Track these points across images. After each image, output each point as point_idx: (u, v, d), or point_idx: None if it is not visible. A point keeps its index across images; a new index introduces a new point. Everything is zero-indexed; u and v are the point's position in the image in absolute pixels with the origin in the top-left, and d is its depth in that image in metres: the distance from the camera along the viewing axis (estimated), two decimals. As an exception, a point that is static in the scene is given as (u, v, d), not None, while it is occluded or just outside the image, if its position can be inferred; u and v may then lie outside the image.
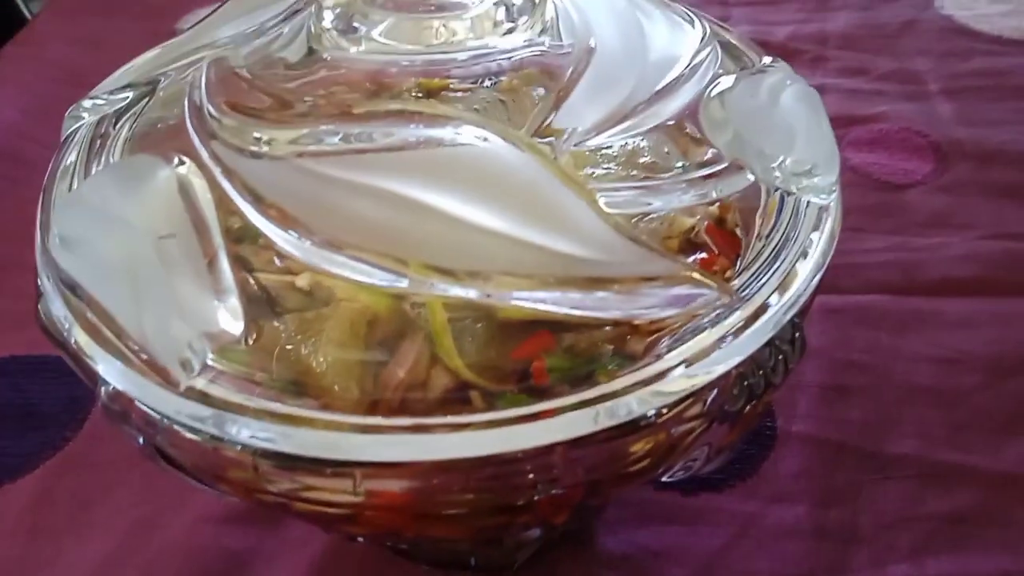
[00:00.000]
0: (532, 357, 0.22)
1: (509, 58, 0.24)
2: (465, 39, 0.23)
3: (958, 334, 0.41)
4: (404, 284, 0.19)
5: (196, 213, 0.21)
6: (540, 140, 0.22)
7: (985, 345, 0.40)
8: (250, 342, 0.20)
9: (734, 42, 0.27)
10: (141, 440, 0.21)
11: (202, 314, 0.19)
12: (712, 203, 0.22)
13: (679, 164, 0.24)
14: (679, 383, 0.20)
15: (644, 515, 0.34)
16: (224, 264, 0.20)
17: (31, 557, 0.34)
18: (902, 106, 0.56)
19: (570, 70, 0.23)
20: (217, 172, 0.21)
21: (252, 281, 0.21)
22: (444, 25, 0.23)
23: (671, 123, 0.23)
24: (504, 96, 0.25)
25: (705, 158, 0.23)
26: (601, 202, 0.20)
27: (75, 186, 0.23)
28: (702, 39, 0.25)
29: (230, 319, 0.19)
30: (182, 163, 0.21)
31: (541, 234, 0.19)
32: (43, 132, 0.56)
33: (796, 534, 0.34)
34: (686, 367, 0.20)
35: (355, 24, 0.24)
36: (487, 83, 0.24)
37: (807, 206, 0.23)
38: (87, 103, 0.25)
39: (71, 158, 0.24)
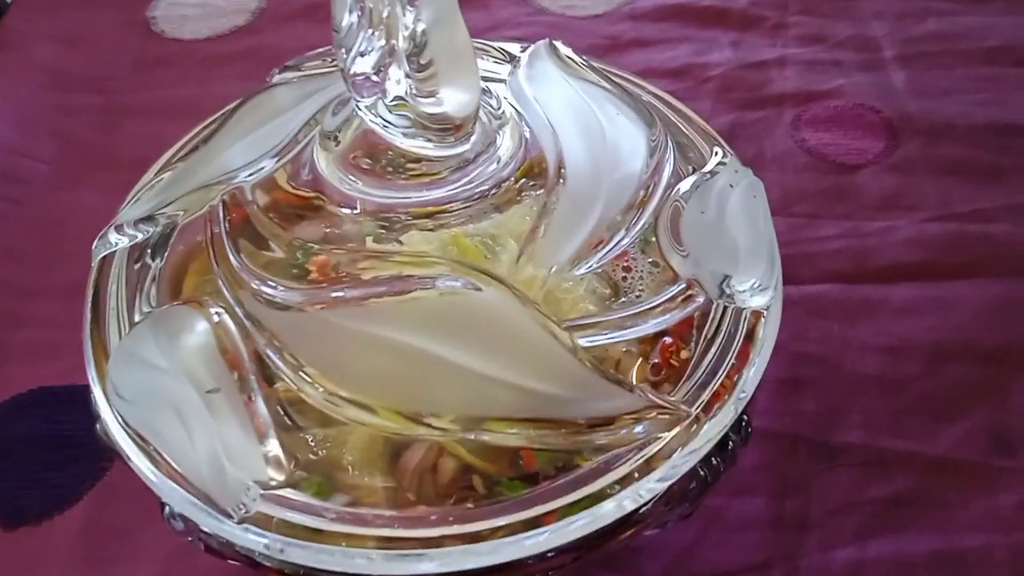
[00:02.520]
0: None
1: (496, 181, 0.27)
2: (455, 180, 0.27)
3: (902, 321, 0.45)
4: (400, 430, 0.23)
5: (233, 361, 0.24)
6: (523, 278, 0.25)
7: (926, 332, 0.45)
8: (289, 468, 0.24)
9: (686, 132, 0.30)
10: (198, 543, 0.26)
11: (252, 462, 0.23)
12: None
13: (643, 251, 0.28)
14: (651, 484, 0.24)
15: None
16: (261, 405, 0.24)
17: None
18: (858, 78, 0.59)
19: (545, 196, 0.26)
20: (246, 322, 0.24)
21: (281, 410, 0.25)
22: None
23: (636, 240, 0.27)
24: (495, 200, 0.28)
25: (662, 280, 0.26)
26: (576, 340, 0.24)
27: (122, 324, 0.27)
28: (657, 144, 0.28)
29: (276, 464, 0.23)
30: (214, 314, 0.25)
31: (520, 375, 0.23)
32: (35, 146, 0.58)
33: (756, 525, 0.39)
34: (656, 466, 0.24)
35: (348, 176, 0.27)
36: (481, 198, 0.27)
37: (749, 314, 0.26)
38: (114, 235, 0.28)
39: (113, 290, 0.27)
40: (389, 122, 0.25)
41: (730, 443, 0.25)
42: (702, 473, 0.25)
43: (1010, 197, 0.50)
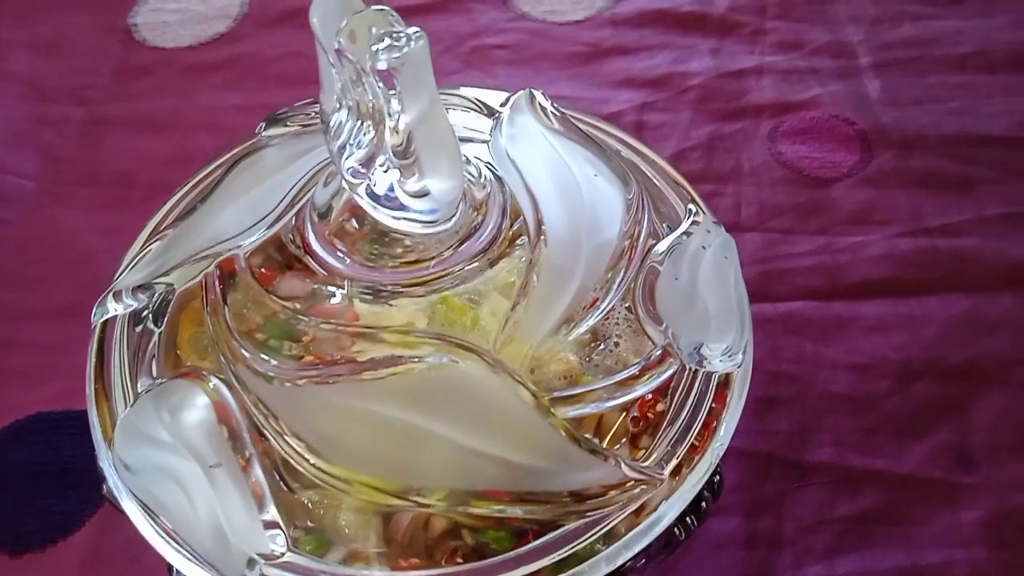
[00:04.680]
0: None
1: (480, 250, 0.28)
2: (443, 257, 0.28)
3: (873, 338, 0.47)
4: (386, 502, 0.25)
5: (233, 437, 0.26)
6: (506, 352, 0.27)
7: (895, 350, 0.46)
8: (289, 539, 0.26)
9: (659, 184, 0.32)
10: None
11: (253, 535, 0.25)
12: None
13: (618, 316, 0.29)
14: (628, 545, 0.26)
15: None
16: (259, 473, 0.25)
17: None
18: (833, 87, 0.60)
19: (528, 260, 0.28)
20: (243, 394, 0.26)
21: (277, 475, 0.26)
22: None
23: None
24: (487, 254, 0.29)
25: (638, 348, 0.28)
26: (555, 412, 0.25)
27: (126, 391, 0.28)
28: (634, 204, 0.29)
29: (277, 536, 0.25)
30: (213, 388, 0.26)
31: (503, 448, 0.25)
32: (18, 162, 0.58)
33: (731, 544, 0.41)
34: (635, 526, 0.26)
35: (338, 252, 0.28)
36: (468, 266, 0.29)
37: (720, 377, 0.28)
38: (111, 304, 0.29)
39: (115, 358, 0.29)
40: (377, 204, 0.26)
41: (703, 501, 0.27)
42: (677, 531, 0.26)
43: (978, 210, 0.52)
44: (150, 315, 0.29)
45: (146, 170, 0.58)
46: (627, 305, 0.30)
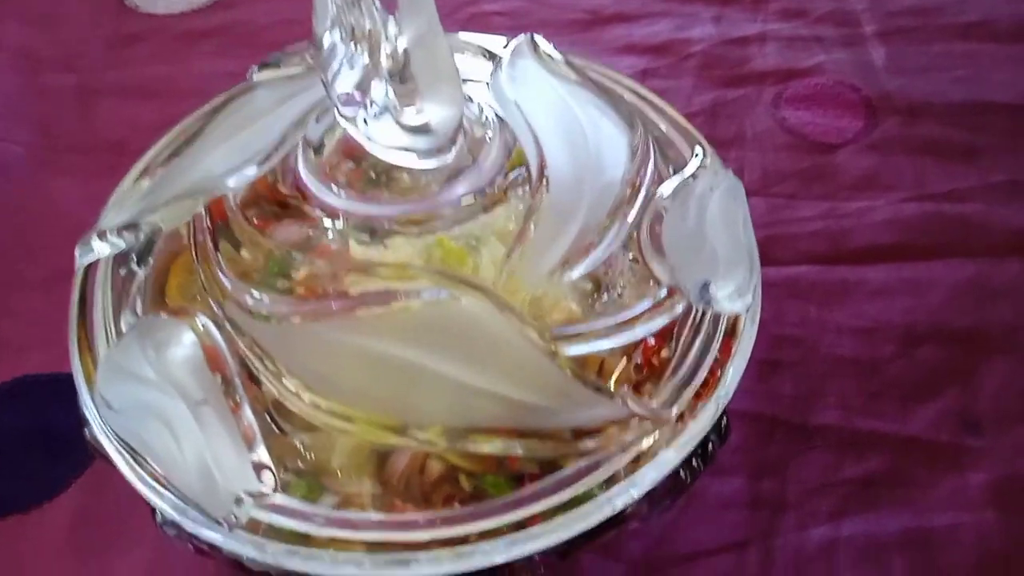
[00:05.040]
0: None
1: (478, 190, 0.28)
2: (440, 192, 0.27)
3: (878, 303, 0.46)
4: (384, 440, 0.24)
5: (221, 374, 0.25)
6: (507, 288, 0.26)
7: (900, 314, 0.46)
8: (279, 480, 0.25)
9: (665, 129, 0.31)
10: (187, 544, 0.26)
11: (242, 473, 0.24)
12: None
13: (622, 265, 0.28)
14: (633, 487, 0.25)
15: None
16: (248, 413, 0.24)
17: (80, 573, 0.39)
18: (838, 55, 0.59)
19: (528, 205, 0.27)
20: (234, 334, 0.25)
21: (269, 417, 0.25)
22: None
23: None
24: (485, 203, 0.28)
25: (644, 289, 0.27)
26: (558, 347, 0.25)
27: (109, 333, 0.27)
28: (639, 147, 0.28)
29: (265, 474, 0.24)
30: (200, 324, 0.25)
31: (504, 385, 0.24)
32: (11, 130, 0.58)
33: (734, 505, 0.40)
34: (638, 468, 0.25)
35: (332, 186, 0.27)
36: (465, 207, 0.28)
37: (728, 318, 0.27)
38: (97, 243, 0.28)
39: (99, 299, 0.28)
40: (372, 135, 0.25)
41: (710, 444, 0.26)
42: (683, 475, 0.26)
43: (983, 177, 0.51)
44: (135, 256, 0.28)
45: (138, 137, 0.56)
46: (632, 256, 0.29)
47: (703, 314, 0.27)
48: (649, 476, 0.25)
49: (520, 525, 0.24)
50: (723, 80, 0.57)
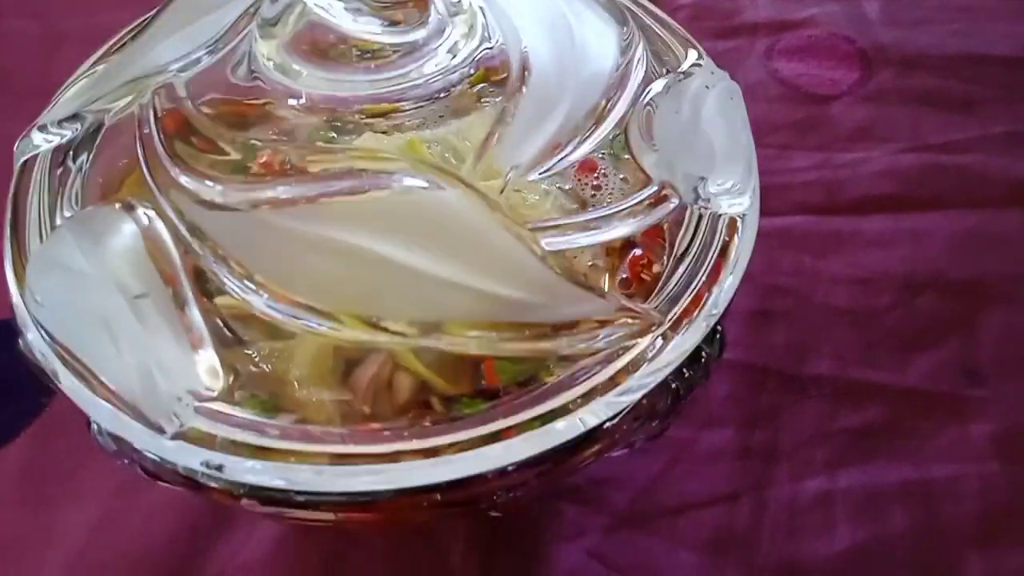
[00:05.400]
0: (482, 359, 0.24)
1: (454, 73, 0.25)
2: (407, 68, 0.24)
3: (874, 253, 0.44)
4: (352, 336, 0.21)
5: (163, 268, 0.22)
6: (484, 178, 0.23)
7: (898, 264, 0.44)
8: (228, 382, 0.22)
9: (660, 33, 0.28)
10: (130, 463, 0.24)
11: (184, 372, 0.21)
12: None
13: (615, 166, 0.26)
14: (619, 398, 0.22)
15: (590, 447, 0.38)
16: (196, 314, 0.22)
17: (26, 524, 0.36)
18: (831, 7, 0.57)
19: (507, 94, 0.24)
20: (178, 223, 0.22)
21: (221, 322, 0.23)
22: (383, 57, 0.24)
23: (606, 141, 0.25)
24: (451, 103, 0.26)
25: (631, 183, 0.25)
26: (540, 242, 0.22)
27: (43, 229, 0.24)
28: (629, 43, 0.26)
29: (211, 374, 0.21)
30: (143, 215, 0.23)
31: (483, 279, 0.21)
32: None
33: (724, 455, 0.38)
34: (624, 379, 0.23)
35: (293, 65, 0.24)
36: (436, 97, 0.25)
37: (726, 219, 0.25)
38: (37, 135, 0.26)
39: (34, 195, 0.25)
40: (333, 3, 0.23)
41: (703, 356, 0.24)
42: (673, 386, 0.23)
43: (982, 128, 0.49)
44: (71, 152, 0.25)
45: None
46: (622, 176, 0.27)
47: (698, 223, 0.25)
48: (633, 385, 0.22)
49: (493, 438, 0.22)
50: (714, 32, 0.55)
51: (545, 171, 0.24)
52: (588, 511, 0.36)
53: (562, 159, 0.24)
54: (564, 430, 0.22)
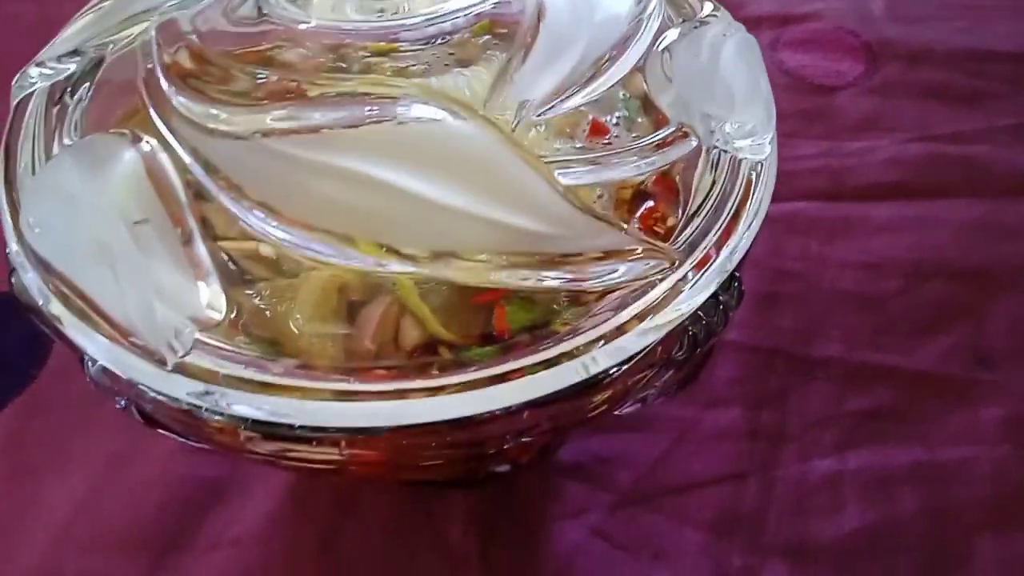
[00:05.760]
0: (492, 303, 0.23)
1: (458, 17, 0.24)
2: (413, 5, 0.24)
3: (882, 239, 0.44)
4: (362, 264, 0.20)
5: (166, 195, 0.21)
6: (495, 113, 0.22)
7: (906, 250, 0.43)
8: (231, 318, 0.21)
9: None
10: (126, 405, 0.23)
11: (185, 298, 0.20)
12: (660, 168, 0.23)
13: (629, 129, 0.25)
14: (633, 340, 0.22)
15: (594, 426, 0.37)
16: (200, 246, 0.21)
17: (11, 498, 0.35)
18: (835, 3, 0.57)
19: (521, 35, 0.24)
20: (182, 152, 0.21)
21: (225, 256, 0.22)
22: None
23: (620, 83, 0.24)
24: (455, 50, 0.25)
25: (649, 122, 0.24)
26: (556, 175, 0.21)
27: (37, 163, 0.23)
28: (644, -10, 0.26)
29: (213, 302, 0.21)
30: (145, 143, 0.22)
31: (498, 209, 0.21)
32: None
33: (731, 436, 0.37)
34: (638, 323, 0.22)
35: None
36: (438, 41, 0.25)
37: (743, 163, 0.24)
38: (34, 71, 0.25)
39: (29, 130, 0.24)
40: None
41: (720, 304, 0.23)
42: (690, 333, 0.22)
43: (989, 121, 0.49)
44: (69, 88, 0.24)
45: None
46: (635, 135, 0.26)
47: (716, 167, 0.24)
48: (653, 326, 0.21)
49: (499, 379, 0.21)
50: (718, 23, 0.55)
51: (558, 106, 0.23)
52: (592, 488, 0.35)
53: (575, 97, 0.23)
54: (573, 372, 0.21)
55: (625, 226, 0.21)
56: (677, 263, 0.22)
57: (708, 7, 0.27)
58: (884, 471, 0.36)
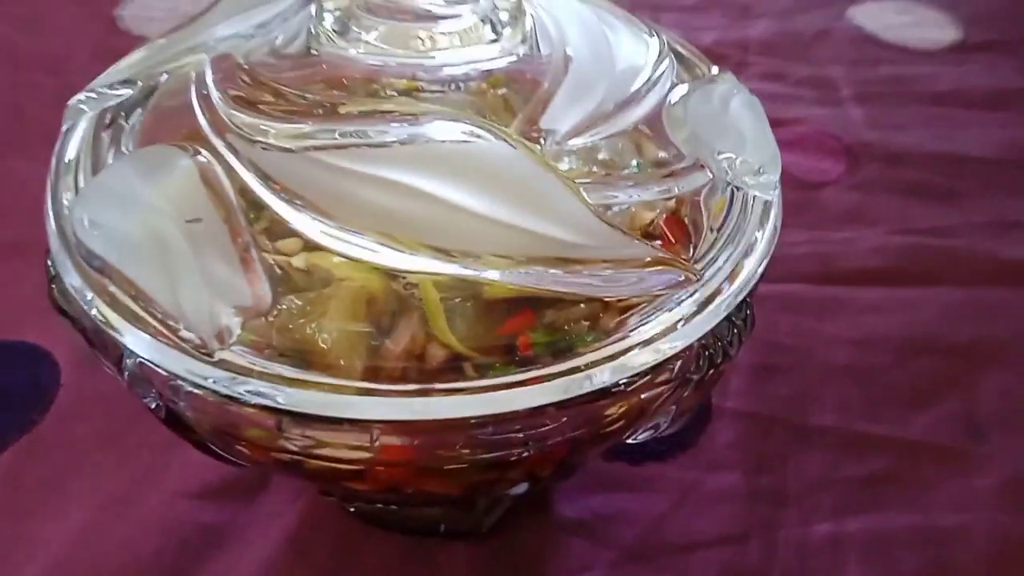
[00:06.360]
0: (517, 332, 0.24)
1: (484, 67, 0.27)
2: (449, 47, 0.26)
3: (871, 318, 0.45)
4: (404, 261, 0.22)
5: (219, 200, 0.22)
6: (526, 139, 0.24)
7: (895, 328, 0.45)
8: (272, 317, 0.22)
9: (686, 54, 0.30)
10: (159, 405, 0.23)
11: (234, 291, 0.21)
12: (671, 198, 0.25)
13: (641, 163, 0.27)
14: (648, 356, 0.23)
15: (596, 484, 0.37)
16: (251, 246, 0.22)
17: (6, 535, 0.34)
18: (817, 111, 0.61)
19: (550, 77, 0.26)
20: (234, 162, 0.23)
21: (272, 262, 0.23)
22: (431, 36, 0.26)
23: (637, 127, 0.26)
24: (472, 98, 0.27)
25: (665, 157, 0.26)
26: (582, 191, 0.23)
27: (82, 178, 0.25)
28: (660, 52, 0.28)
29: (259, 296, 0.21)
30: (199, 153, 0.23)
31: (529, 219, 0.22)
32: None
33: (732, 498, 0.37)
34: (654, 342, 0.23)
35: (352, 27, 0.26)
36: (457, 87, 0.27)
37: (753, 201, 0.26)
38: (88, 95, 0.27)
39: (80, 147, 0.26)
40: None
41: (735, 328, 0.24)
42: (706, 353, 0.24)
43: (966, 217, 0.52)
44: (123, 112, 0.26)
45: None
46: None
47: (730, 203, 0.26)
48: (671, 344, 0.23)
49: (521, 383, 0.22)
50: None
51: (583, 138, 0.25)
52: (594, 545, 0.35)
53: (598, 132, 0.25)
54: (594, 377, 0.22)
55: (651, 243, 0.23)
56: (695, 281, 0.23)
57: (715, 69, 0.29)
58: (884, 534, 0.36)
